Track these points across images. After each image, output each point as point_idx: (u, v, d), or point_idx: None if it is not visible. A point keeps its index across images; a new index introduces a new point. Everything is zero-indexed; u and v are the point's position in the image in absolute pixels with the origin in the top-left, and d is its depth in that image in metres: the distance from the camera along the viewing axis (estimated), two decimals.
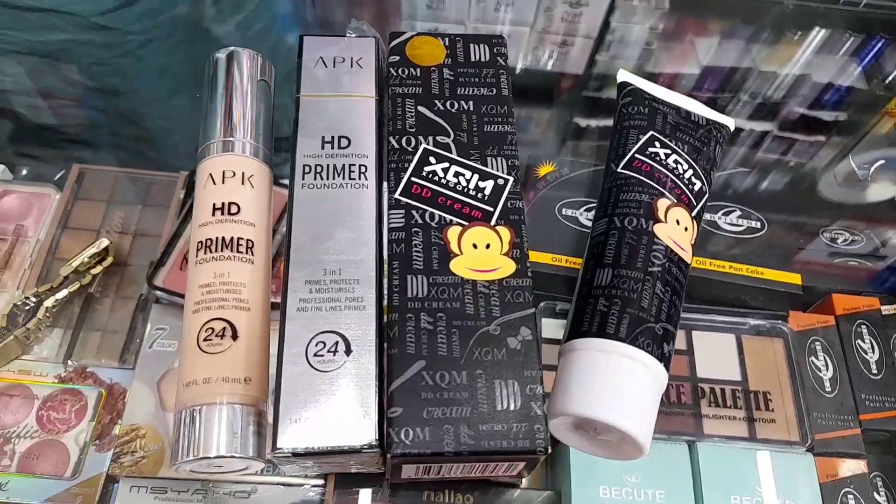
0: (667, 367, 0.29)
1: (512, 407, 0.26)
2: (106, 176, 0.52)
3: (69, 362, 0.45)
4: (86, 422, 0.43)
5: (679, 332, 0.52)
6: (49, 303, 0.45)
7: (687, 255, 0.31)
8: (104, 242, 0.47)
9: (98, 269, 0.47)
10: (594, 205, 0.51)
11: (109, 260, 0.47)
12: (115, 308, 0.47)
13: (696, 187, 0.32)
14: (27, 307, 0.45)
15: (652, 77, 0.75)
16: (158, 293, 0.46)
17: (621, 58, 0.76)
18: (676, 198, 0.31)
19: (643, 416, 0.29)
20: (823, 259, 0.55)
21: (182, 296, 0.45)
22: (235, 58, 0.33)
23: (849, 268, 0.56)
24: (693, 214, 0.32)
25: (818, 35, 0.74)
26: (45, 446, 0.42)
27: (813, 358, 0.51)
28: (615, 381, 0.29)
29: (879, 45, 0.74)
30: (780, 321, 0.51)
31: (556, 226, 0.49)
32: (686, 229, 0.31)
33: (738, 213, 0.51)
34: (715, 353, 0.51)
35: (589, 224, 0.50)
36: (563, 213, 0.49)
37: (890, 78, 0.72)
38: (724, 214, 0.51)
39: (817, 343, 0.51)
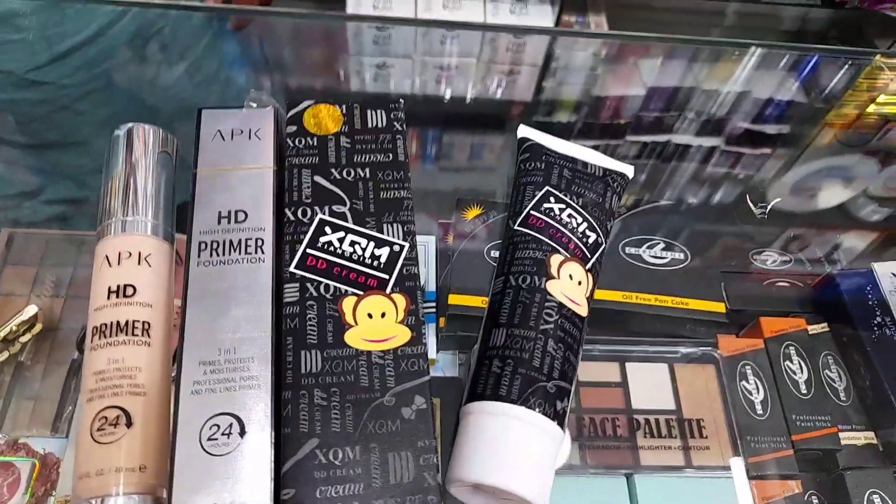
0: (561, 424, 0.30)
1: (405, 479, 0.26)
2: (37, 239, 0.52)
3: (0, 434, 0.44)
4: (20, 495, 0.43)
5: (613, 364, 0.52)
6: None
7: (582, 310, 0.31)
8: (32, 310, 0.47)
9: (27, 336, 0.47)
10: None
11: (38, 327, 0.47)
12: (47, 374, 0.47)
13: (591, 240, 0.33)
14: None
15: (599, 101, 0.76)
16: None
17: (567, 83, 0.77)
18: (570, 252, 0.32)
19: (538, 478, 0.29)
20: (752, 282, 0.56)
21: None
22: (134, 133, 0.33)
23: (778, 289, 0.57)
24: (587, 267, 0.32)
25: (756, 52, 0.75)
26: None
27: (744, 382, 0.52)
28: (508, 445, 0.29)
29: (815, 59, 0.75)
30: (710, 347, 0.52)
31: (485, 269, 0.49)
32: (580, 283, 0.32)
33: (662, 245, 0.52)
34: (648, 383, 0.52)
35: None
36: (492, 255, 0.50)
37: (827, 90, 0.73)
38: (647, 248, 0.52)
39: (747, 367, 0.52)
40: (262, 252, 0.31)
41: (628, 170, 0.36)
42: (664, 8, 1.00)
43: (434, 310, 0.51)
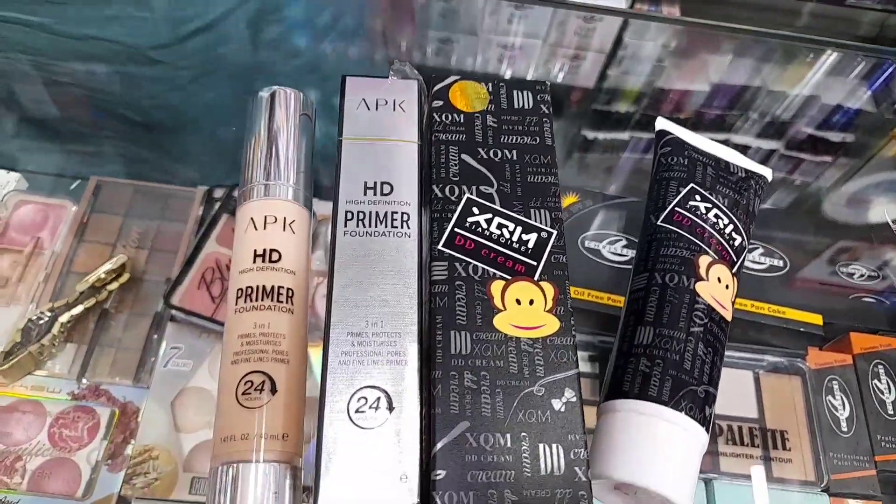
0: (707, 430, 0.29)
1: (556, 472, 0.26)
2: (123, 189, 0.51)
3: (83, 379, 0.45)
4: (98, 441, 0.43)
5: None
6: (64, 318, 0.45)
7: (727, 314, 0.31)
8: (121, 259, 0.47)
9: (114, 285, 0.47)
10: (617, 238, 0.52)
11: (126, 276, 0.47)
12: (130, 325, 0.47)
13: (737, 242, 0.32)
14: (42, 322, 0.45)
15: (661, 93, 0.75)
16: (174, 312, 0.46)
17: (632, 73, 0.76)
18: (718, 254, 0.31)
19: (684, 482, 0.29)
20: (843, 295, 0.56)
21: (200, 316, 0.45)
22: (277, 97, 0.33)
23: (869, 305, 0.56)
24: (734, 271, 0.32)
25: (830, 57, 0.74)
26: (56, 465, 0.42)
27: (830, 397, 0.51)
28: (657, 447, 0.29)
29: (890, 69, 0.74)
30: (798, 359, 0.52)
31: (579, 259, 0.49)
32: (727, 287, 0.31)
33: (761, 250, 0.51)
34: (732, 390, 0.51)
35: (612, 257, 0.50)
36: (587, 245, 0.50)
37: None
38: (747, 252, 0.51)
39: (834, 382, 0.52)
40: (408, 227, 0.30)
41: (768, 172, 0.36)
42: (739, 3, 0.98)
43: None
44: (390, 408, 0.27)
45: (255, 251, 0.29)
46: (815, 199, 0.68)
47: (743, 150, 0.75)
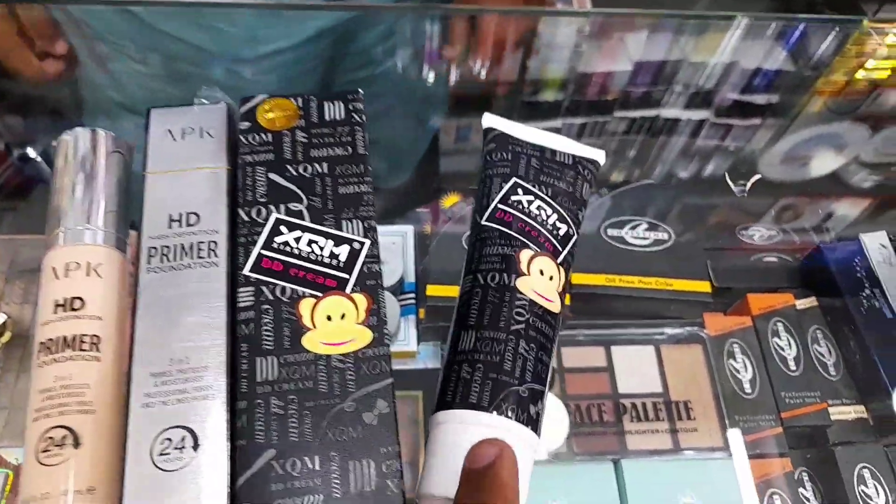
0: (535, 428, 0.28)
1: (367, 488, 0.25)
2: (3, 245, 0.50)
3: None
4: None
5: (598, 349, 0.51)
6: None
7: (554, 306, 0.30)
8: (1, 318, 0.45)
9: None
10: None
11: (7, 336, 0.46)
12: (20, 383, 0.45)
13: (562, 231, 0.31)
14: None
15: (585, 78, 0.74)
16: None
17: (552, 61, 0.75)
18: (540, 246, 0.30)
19: None
20: (738, 259, 0.55)
21: None
22: (82, 139, 0.32)
23: (765, 264, 0.55)
24: (559, 261, 0.31)
25: (742, 22, 0.73)
26: None
27: (732, 360, 0.51)
28: None
29: (801, 27, 0.73)
30: (696, 327, 0.51)
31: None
32: (551, 278, 0.30)
33: (645, 225, 0.50)
34: (634, 366, 0.50)
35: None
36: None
37: (815, 58, 0.72)
38: (630, 229, 0.50)
39: (735, 345, 0.51)
40: (216, 255, 0.29)
41: (599, 155, 0.35)
42: None
43: (413, 301, 0.50)
44: (196, 446, 0.26)
45: (56, 301, 0.28)
46: (748, 162, 0.67)
47: (674, 123, 0.74)
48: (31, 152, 0.66)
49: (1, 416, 0.44)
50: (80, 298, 0.28)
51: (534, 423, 0.28)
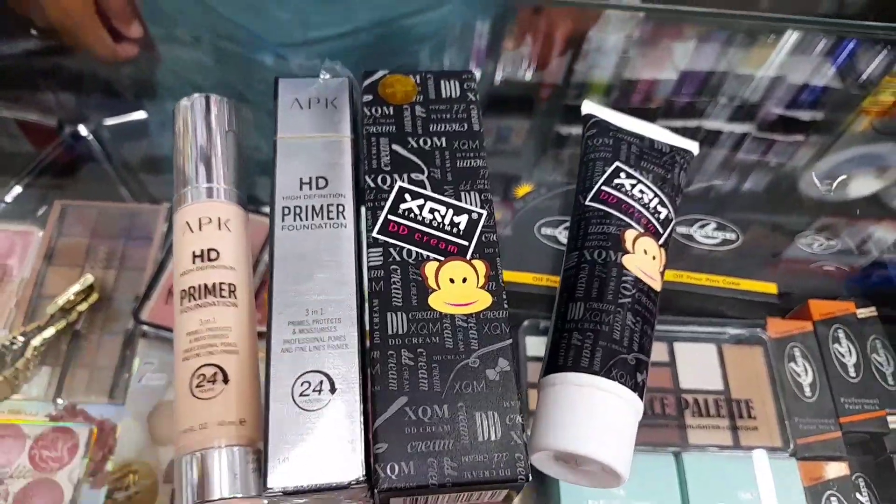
0: (640, 395, 0.31)
1: (493, 437, 0.28)
2: (88, 211, 0.53)
3: (59, 400, 0.46)
4: (78, 459, 0.44)
5: (661, 345, 0.53)
6: (36, 342, 0.46)
7: (656, 284, 0.32)
8: (89, 279, 0.48)
9: (84, 305, 0.48)
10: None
11: (95, 296, 0.49)
12: (103, 344, 0.48)
13: (662, 215, 0.34)
14: (15, 347, 0.46)
15: (630, 84, 0.77)
16: (145, 327, 0.47)
17: (599, 66, 0.78)
18: (643, 227, 0.33)
19: (620, 447, 0.31)
20: (800, 264, 0.57)
21: (169, 329, 0.47)
22: (203, 103, 0.35)
23: (825, 272, 0.58)
24: (660, 243, 0.33)
25: (791, 37, 0.76)
26: (38, 485, 0.43)
27: (792, 364, 0.53)
28: (592, 415, 0.30)
29: (851, 45, 0.76)
30: (758, 329, 0.53)
31: (535, 245, 0.50)
32: (654, 258, 0.33)
33: (714, 225, 0.53)
34: (696, 363, 0.53)
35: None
36: (543, 232, 0.51)
37: (863, 76, 0.74)
38: (699, 227, 0.53)
39: (796, 349, 0.53)
40: (344, 217, 0.32)
41: (693, 146, 0.37)
42: None
43: None
44: (333, 389, 0.28)
45: (194, 252, 0.31)
46: (790, 178, 0.69)
47: (715, 135, 0.76)
48: (82, 130, 0.69)
49: (84, 374, 0.47)
50: (215, 250, 0.31)
51: (640, 391, 0.31)
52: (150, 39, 0.64)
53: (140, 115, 0.66)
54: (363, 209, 0.32)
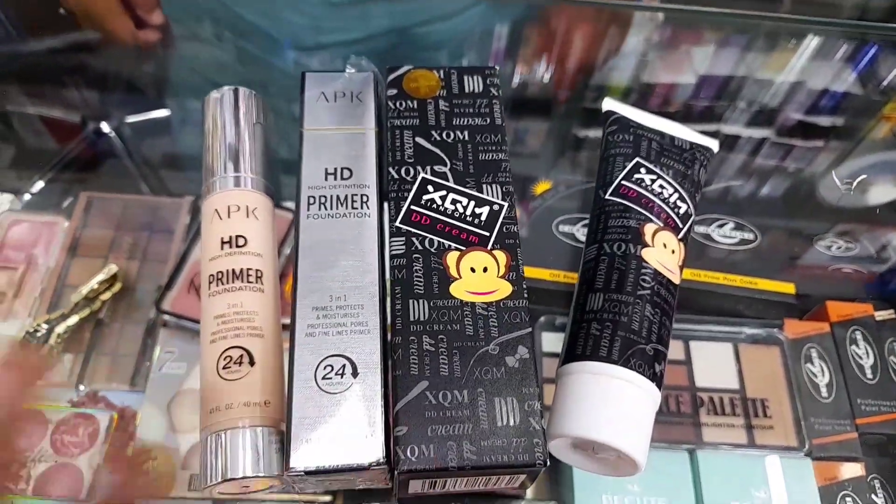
0: (659, 385, 0.31)
1: (511, 423, 0.28)
2: (113, 203, 0.54)
3: (81, 387, 0.47)
4: (99, 445, 0.45)
5: (677, 343, 0.54)
6: (60, 329, 0.48)
7: (675, 277, 0.33)
8: (113, 269, 0.49)
9: (107, 294, 0.50)
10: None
11: (118, 286, 0.50)
12: (125, 332, 0.49)
13: (682, 210, 0.35)
14: (39, 334, 0.47)
15: (648, 87, 0.77)
16: (167, 317, 0.49)
17: (618, 69, 0.78)
18: (663, 222, 0.34)
19: (638, 435, 0.31)
20: (818, 267, 0.58)
21: (190, 319, 0.48)
22: (232, 96, 0.36)
23: (844, 274, 0.58)
24: (679, 237, 0.34)
25: (812, 42, 0.76)
26: (59, 470, 0.45)
27: (809, 364, 0.53)
28: (610, 403, 0.31)
29: (873, 50, 0.76)
30: (775, 329, 0.54)
31: (553, 242, 0.51)
32: (673, 252, 0.33)
33: (732, 225, 0.53)
34: (712, 362, 0.53)
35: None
36: (561, 229, 0.52)
37: (885, 83, 0.74)
38: (717, 227, 0.53)
39: (813, 350, 0.53)
40: (367, 207, 0.33)
41: (713, 144, 0.38)
42: None
43: None
44: (355, 373, 0.29)
45: (222, 238, 0.32)
46: (809, 182, 0.69)
47: (734, 139, 0.76)
48: (105, 127, 0.70)
49: (106, 362, 0.48)
50: (242, 237, 0.32)
51: (658, 381, 0.31)
52: (170, 27, 0.65)
53: (161, 112, 0.67)
54: (387, 199, 0.33)
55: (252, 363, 0.29)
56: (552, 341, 0.49)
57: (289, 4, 0.59)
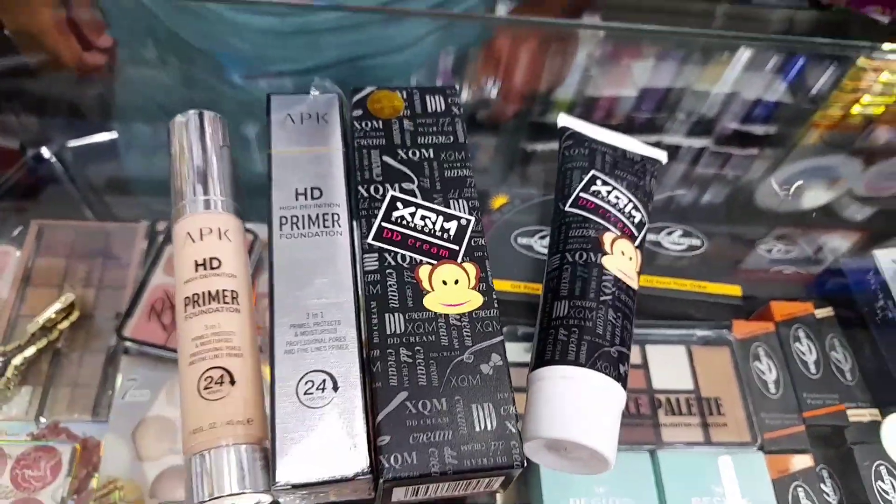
0: (624, 385, 0.33)
1: (489, 427, 0.30)
2: (65, 230, 0.54)
3: (41, 419, 0.47)
4: (62, 478, 0.45)
5: (634, 348, 0.56)
6: (17, 361, 0.47)
7: (633, 283, 0.35)
8: (70, 297, 0.49)
9: (65, 323, 0.49)
10: (547, 232, 0.56)
11: (76, 314, 0.49)
12: (84, 362, 0.49)
13: (637, 219, 0.37)
14: None
15: (592, 101, 0.80)
16: (128, 344, 0.48)
17: (563, 84, 0.81)
18: (620, 231, 0.36)
19: (607, 434, 0.33)
20: (761, 269, 0.61)
21: (153, 345, 0.48)
22: (198, 119, 0.36)
23: (785, 276, 0.62)
24: (636, 244, 0.36)
25: (744, 54, 0.80)
26: None
27: (757, 363, 0.56)
28: (579, 404, 0.33)
29: (801, 62, 0.80)
30: (724, 330, 0.57)
31: (512, 254, 0.53)
32: (630, 259, 0.36)
33: (680, 232, 0.56)
34: (668, 364, 0.56)
35: (544, 251, 0.54)
36: (519, 241, 0.54)
37: (813, 91, 0.78)
38: (666, 234, 0.56)
39: (760, 348, 0.56)
40: (339, 225, 0.34)
41: (662, 155, 0.41)
42: (654, 9, 1.04)
43: None
44: (335, 387, 0.30)
45: (196, 261, 0.32)
46: (748, 189, 0.72)
47: (675, 149, 0.79)
48: (45, 152, 0.69)
49: (66, 392, 0.48)
50: (217, 259, 0.33)
51: (623, 381, 0.33)
52: (116, 50, 0.64)
53: (105, 136, 0.67)
54: (357, 217, 0.35)
55: (233, 382, 0.30)
56: (516, 351, 0.50)
57: (234, 32, 0.59)
